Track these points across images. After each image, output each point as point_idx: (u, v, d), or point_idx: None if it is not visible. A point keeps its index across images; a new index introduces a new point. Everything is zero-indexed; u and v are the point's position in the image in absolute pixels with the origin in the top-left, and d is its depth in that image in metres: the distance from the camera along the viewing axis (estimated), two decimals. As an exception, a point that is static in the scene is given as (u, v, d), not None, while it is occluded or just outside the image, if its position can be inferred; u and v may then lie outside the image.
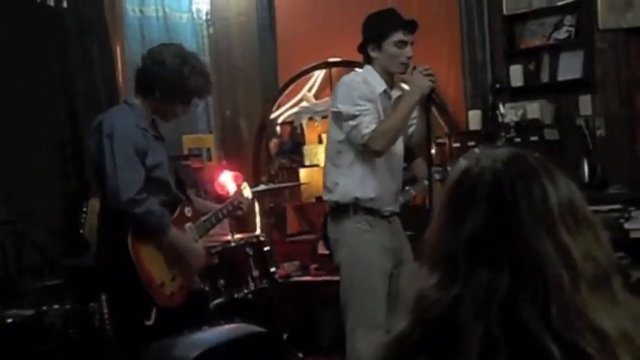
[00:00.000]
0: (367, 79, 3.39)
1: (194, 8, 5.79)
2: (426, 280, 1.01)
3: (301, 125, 5.68)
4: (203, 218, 3.30)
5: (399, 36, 3.32)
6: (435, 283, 0.99)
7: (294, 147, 5.71)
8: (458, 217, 1.01)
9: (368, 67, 3.43)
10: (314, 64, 5.57)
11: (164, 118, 3.22)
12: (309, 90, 5.72)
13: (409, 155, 3.67)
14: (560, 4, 4.81)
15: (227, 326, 2.52)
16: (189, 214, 3.23)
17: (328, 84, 5.51)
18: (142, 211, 2.90)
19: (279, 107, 5.81)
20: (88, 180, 4.20)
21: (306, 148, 5.62)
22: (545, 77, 4.89)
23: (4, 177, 4.12)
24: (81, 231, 3.62)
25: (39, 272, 4.08)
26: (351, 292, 3.31)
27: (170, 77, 3.06)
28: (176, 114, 3.20)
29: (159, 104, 3.12)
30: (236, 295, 3.89)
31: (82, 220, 3.64)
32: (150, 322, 2.87)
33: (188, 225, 3.22)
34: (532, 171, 1.01)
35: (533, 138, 4.66)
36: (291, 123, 5.77)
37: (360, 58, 3.56)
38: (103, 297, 3.64)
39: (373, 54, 3.38)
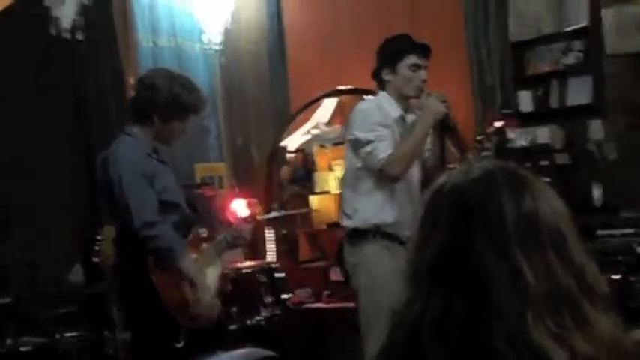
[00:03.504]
0: (382, 105, 3.44)
1: (206, 38, 5.86)
2: (400, 297, 1.02)
3: (312, 153, 5.72)
4: (218, 238, 3.34)
5: (413, 59, 3.38)
6: (404, 301, 1.00)
7: (305, 174, 5.75)
8: (425, 236, 1.02)
9: (383, 93, 3.48)
10: (324, 92, 5.62)
11: (165, 141, 3.26)
12: (320, 118, 5.76)
13: (426, 182, 3.69)
14: (568, 29, 4.84)
15: (239, 350, 2.53)
16: (204, 235, 3.27)
17: (339, 112, 5.56)
18: (156, 234, 2.93)
19: (290, 135, 5.85)
20: (100, 210, 4.24)
21: (317, 176, 5.65)
22: (554, 102, 4.91)
23: (18, 207, 4.17)
24: (95, 259, 3.66)
25: (53, 300, 4.11)
26: (372, 317, 3.30)
27: (163, 98, 3.12)
28: (176, 135, 3.25)
29: (157, 128, 3.17)
30: (249, 322, 3.90)
31: (97, 248, 3.67)
32: (180, 345, 2.89)
33: (205, 245, 3.26)
34: (494, 188, 1.00)
35: (544, 163, 4.67)
36: (302, 151, 5.80)
37: (370, 85, 3.61)
38: (117, 324, 3.67)
39: (388, 77, 3.43)
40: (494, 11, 5.03)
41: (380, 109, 3.42)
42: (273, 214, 4.60)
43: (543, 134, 4.84)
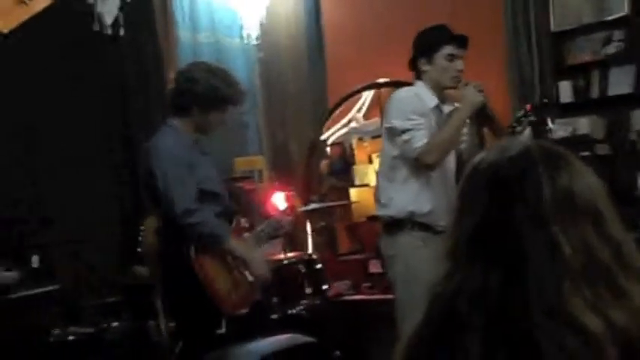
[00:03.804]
0: (419, 94, 3.44)
1: (244, 33, 5.92)
2: (439, 270, 1.04)
3: (351, 146, 5.75)
4: (259, 228, 3.41)
5: (449, 49, 3.38)
6: (443, 274, 1.03)
7: (344, 167, 5.77)
8: (463, 211, 1.05)
9: (419, 83, 3.48)
10: (363, 85, 5.63)
11: (205, 132, 3.34)
12: (359, 111, 5.78)
13: (461, 172, 3.69)
14: (608, 19, 4.79)
15: (280, 336, 2.57)
16: (246, 225, 3.33)
17: (377, 104, 5.57)
18: (198, 221, 3.00)
19: (328, 128, 5.88)
20: (143, 201, 4.31)
21: (356, 168, 5.68)
22: (595, 93, 4.86)
23: (60, 199, 4.27)
24: (138, 249, 3.73)
25: (97, 291, 4.20)
26: (408, 309, 3.30)
27: (203, 90, 3.20)
28: (215, 126, 3.32)
29: (197, 120, 3.25)
30: (289, 312, 3.95)
31: (140, 238, 3.75)
32: (222, 331, 2.96)
33: (246, 235, 3.32)
34: (531, 164, 1.02)
35: (585, 153, 4.63)
36: (340, 144, 5.83)
37: (408, 78, 3.61)
38: (161, 313, 3.73)
39: (424, 67, 3.43)
40: (534, 1, 5.00)
41: (417, 97, 3.42)
42: (313, 206, 4.63)
43: (584, 125, 4.81)
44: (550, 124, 4.71)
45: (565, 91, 4.92)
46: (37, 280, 3.58)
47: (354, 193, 5.63)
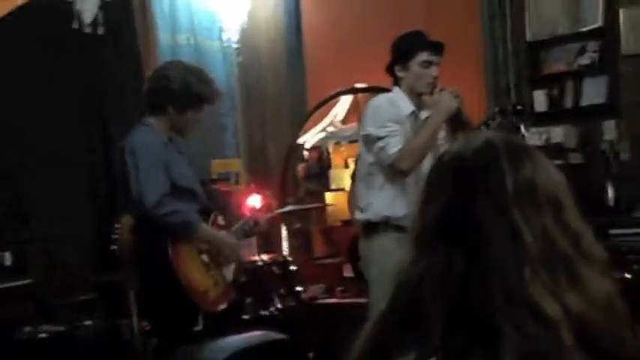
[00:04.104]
0: (394, 101, 3.49)
1: (224, 37, 5.93)
2: (405, 258, 1.07)
3: (328, 150, 5.78)
4: (236, 226, 3.44)
5: (425, 56, 3.42)
6: (409, 261, 1.06)
7: (320, 171, 5.80)
8: (428, 200, 1.07)
9: (396, 89, 3.52)
10: (341, 89, 5.67)
11: (180, 131, 3.36)
12: (336, 115, 5.82)
13: None
14: (583, 30, 4.86)
15: (253, 333, 2.59)
16: (222, 223, 3.36)
17: (355, 109, 5.61)
18: (168, 211, 3.03)
19: (306, 132, 5.91)
20: (119, 199, 4.31)
21: (333, 173, 5.71)
22: (568, 102, 4.94)
23: (37, 197, 4.25)
24: (113, 247, 3.72)
25: (70, 289, 4.19)
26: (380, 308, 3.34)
27: (178, 88, 3.23)
28: (190, 125, 3.35)
29: (172, 118, 3.27)
30: (262, 312, 3.97)
31: (115, 237, 3.74)
32: (199, 328, 2.98)
33: (223, 232, 3.35)
34: (495, 155, 1.05)
35: (558, 162, 4.69)
36: (318, 148, 5.86)
37: (386, 83, 3.65)
38: (134, 311, 3.73)
39: (400, 74, 3.47)
40: (510, 11, 5.07)
41: (392, 104, 3.47)
42: (288, 208, 4.66)
43: (557, 134, 4.88)
44: (524, 132, 4.76)
45: (539, 100, 4.99)
46: (9, 277, 3.57)
47: (329, 197, 5.66)
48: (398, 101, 3.49)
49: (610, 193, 4.62)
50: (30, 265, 3.73)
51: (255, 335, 2.68)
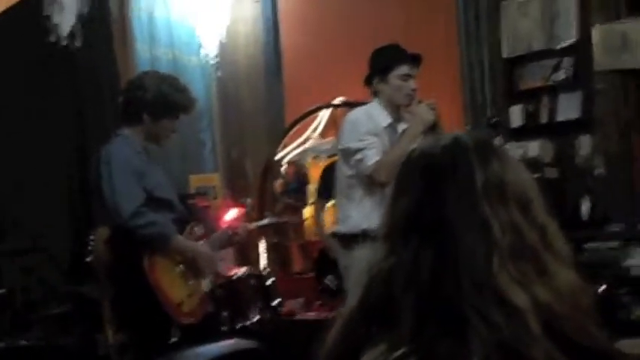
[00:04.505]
0: (371, 114, 3.52)
1: (202, 52, 5.95)
2: (376, 254, 1.09)
3: (305, 164, 5.79)
4: (213, 235, 3.44)
5: (403, 69, 3.47)
6: (379, 257, 1.07)
7: (298, 187, 5.80)
8: (398, 196, 1.09)
9: (374, 102, 3.56)
10: (319, 105, 5.69)
11: (156, 140, 3.36)
12: (314, 130, 5.84)
13: None
14: (558, 47, 4.92)
15: (226, 341, 2.59)
16: (199, 233, 3.35)
17: (333, 124, 5.63)
18: (144, 222, 3.01)
19: (285, 147, 5.92)
20: (94, 212, 4.30)
21: (311, 187, 5.71)
22: (544, 117, 4.99)
23: (12, 208, 4.23)
24: (87, 259, 3.71)
25: (45, 303, 4.15)
26: None
27: (153, 97, 3.24)
28: (166, 133, 3.36)
29: (148, 127, 3.27)
30: (239, 326, 3.95)
31: (90, 248, 3.73)
32: (175, 339, 2.97)
33: (200, 243, 3.34)
34: (463, 153, 1.07)
35: (534, 176, 4.71)
36: (295, 163, 5.87)
37: (365, 98, 3.69)
38: (109, 325, 3.71)
39: (379, 87, 3.51)
40: (486, 27, 5.12)
41: (369, 117, 3.50)
42: (266, 221, 4.66)
43: (533, 148, 4.92)
44: (497, 142, 4.81)
45: (516, 115, 5.03)
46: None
47: (307, 211, 5.66)
48: (375, 114, 3.52)
49: (585, 207, 4.66)
50: (5, 277, 3.69)
51: (226, 344, 2.68)
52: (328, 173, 4.91)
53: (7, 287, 3.71)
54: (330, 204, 4.79)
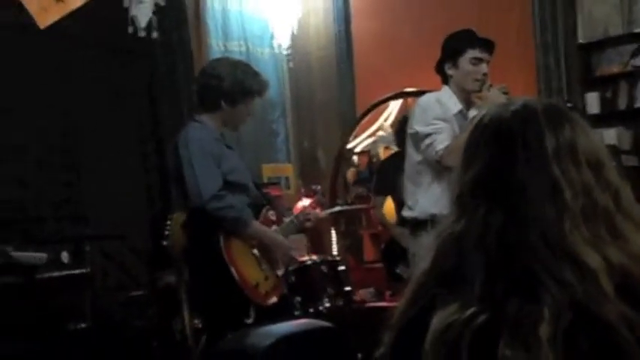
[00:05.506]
0: (441, 100, 3.48)
1: (275, 44, 6.01)
2: (446, 219, 1.09)
3: (378, 154, 5.79)
4: (287, 220, 3.49)
5: (474, 53, 3.42)
6: (450, 221, 1.08)
7: (370, 176, 5.81)
8: (468, 161, 1.10)
9: (445, 88, 3.53)
10: (390, 94, 5.69)
11: (233, 125, 3.43)
12: (386, 120, 5.84)
13: None
14: (637, 31, 4.80)
15: (299, 320, 2.62)
16: (273, 218, 3.40)
17: (404, 113, 5.60)
18: (224, 205, 3.08)
19: (356, 137, 5.94)
20: (171, 200, 4.41)
21: (382, 177, 5.70)
22: (622, 104, 4.87)
23: (95, 196, 4.37)
24: (164, 242, 3.80)
25: (123, 287, 4.28)
26: None
27: (230, 85, 3.29)
28: (243, 118, 3.41)
29: (225, 113, 3.33)
30: (311, 311, 3.99)
31: (166, 232, 3.82)
32: (250, 321, 3.02)
33: (274, 227, 3.39)
34: (534, 118, 1.07)
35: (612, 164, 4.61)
36: (367, 152, 5.88)
37: (436, 87, 3.66)
38: (186, 310, 3.80)
39: (450, 72, 3.48)
40: (562, 13, 5.02)
41: (439, 103, 3.47)
42: (338, 208, 4.69)
43: (611, 136, 4.81)
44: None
45: (592, 102, 4.93)
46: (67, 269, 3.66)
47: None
48: (446, 100, 3.49)
49: (665, 195, 4.53)
50: (87, 261, 3.82)
51: (302, 322, 2.71)
52: (385, 168, 4.91)
53: (88, 270, 3.82)
54: (385, 199, 4.80)
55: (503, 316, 0.96)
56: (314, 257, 4.40)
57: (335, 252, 5.01)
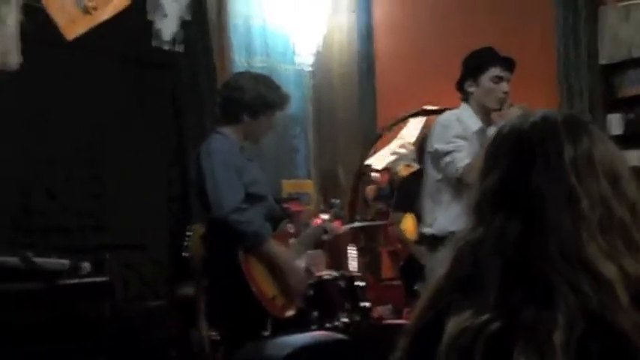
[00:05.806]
0: (461, 118, 3.49)
1: (298, 60, 6.06)
2: (464, 227, 1.11)
3: (398, 171, 5.79)
4: (305, 233, 3.50)
5: (495, 71, 3.43)
6: (468, 229, 1.10)
7: (390, 193, 5.81)
8: (487, 170, 1.11)
9: (464, 106, 3.53)
10: (411, 112, 5.70)
11: (254, 138, 3.46)
12: (406, 137, 5.84)
13: None
14: (660, 53, 4.78)
15: (316, 332, 2.62)
16: (291, 230, 3.41)
17: (425, 131, 5.61)
18: (245, 220, 3.10)
19: (376, 154, 5.95)
20: (192, 212, 4.44)
21: (402, 194, 5.70)
22: (645, 126, 4.85)
23: (117, 206, 4.41)
24: (184, 254, 3.83)
25: (143, 297, 4.31)
26: None
27: (252, 98, 3.33)
28: (264, 130, 3.44)
29: (247, 126, 3.36)
30: (328, 325, 3.99)
31: (186, 244, 3.85)
32: (267, 333, 3.03)
33: (292, 240, 3.41)
34: (553, 129, 1.09)
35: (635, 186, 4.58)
36: (388, 169, 5.89)
37: (456, 105, 3.67)
38: (203, 320, 3.81)
39: (470, 89, 3.49)
40: (584, 33, 5.02)
41: (459, 121, 3.48)
42: (357, 224, 4.70)
43: (634, 157, 4.78)
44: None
45: (615, 123, 4.91)
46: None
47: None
48: (466, 118, 3.50)
49: (687, 218, 4.49)
50: (107, 270, 3.86)
51: (319, 334, 2.72)
52: (406, 185, 4.92)
53: (108, 279, 3.85)
54: (403, 216, 4.80)
55: (518, 323, 0.97)
56: (332, 272, 4.41)
57: (355, 268, 5.01)
